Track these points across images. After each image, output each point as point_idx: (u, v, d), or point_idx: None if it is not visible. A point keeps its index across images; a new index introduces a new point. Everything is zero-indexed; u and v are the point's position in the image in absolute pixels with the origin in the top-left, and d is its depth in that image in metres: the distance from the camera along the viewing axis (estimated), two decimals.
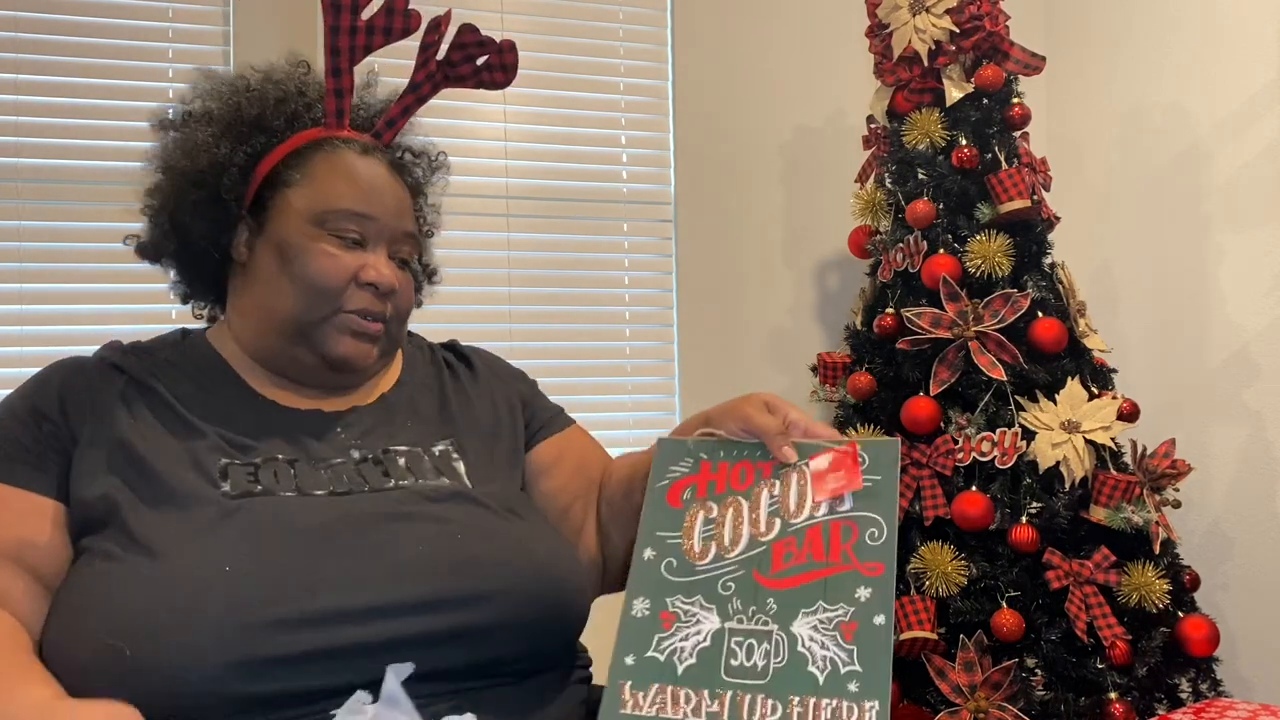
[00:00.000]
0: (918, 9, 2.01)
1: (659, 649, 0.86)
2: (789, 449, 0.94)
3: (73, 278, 2.10)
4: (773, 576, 0.88)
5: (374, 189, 1.06)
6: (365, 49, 1.10)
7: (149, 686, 0.82)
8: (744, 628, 0.86)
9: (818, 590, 0.87)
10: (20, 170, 2.08)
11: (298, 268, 1.02)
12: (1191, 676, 1.81)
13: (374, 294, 1.04)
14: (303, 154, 1.06)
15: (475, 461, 1.06)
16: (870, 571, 0.87)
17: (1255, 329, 2.17)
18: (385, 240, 1.06)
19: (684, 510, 0.92)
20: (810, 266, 2.57)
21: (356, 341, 1.04)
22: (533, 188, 2.40)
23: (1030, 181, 1.94)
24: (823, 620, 0.85)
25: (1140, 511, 1.78)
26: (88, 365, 1.03)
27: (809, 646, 0.84)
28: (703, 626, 0.86)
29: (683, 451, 0.96)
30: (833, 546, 0.89)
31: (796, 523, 0.91)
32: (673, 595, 0.88)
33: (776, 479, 0.93)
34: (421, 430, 1.08)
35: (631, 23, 2.50)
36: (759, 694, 0.83)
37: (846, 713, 0.81)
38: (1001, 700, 1.68)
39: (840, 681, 0.82)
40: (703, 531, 0.91)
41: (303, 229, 1.03)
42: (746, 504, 0.92)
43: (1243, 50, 2.18)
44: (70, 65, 2.12)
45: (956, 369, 1.87)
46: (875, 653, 0.83)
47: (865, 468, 0.92)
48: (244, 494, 0.94)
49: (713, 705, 0.82)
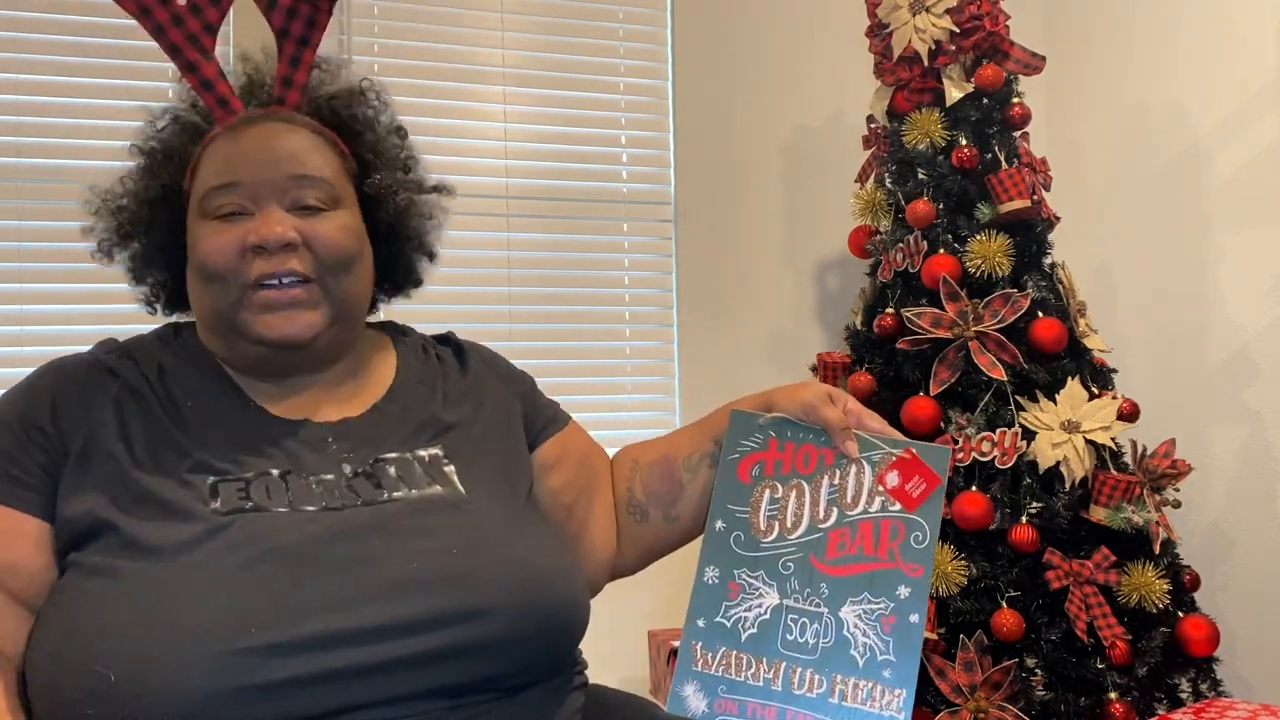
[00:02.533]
0: (918, 9, 2.01)
1: (726, 615, 0.96)
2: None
3: (73, 278, 2.10)
4: (827, 563, 0.97)
5: (241, 153, 0.99)
6: (207, 29, 1.01)
7: (133, 714, 0.80)
8: (799, 607, 0.96)
9: (865, 582, 0.97)
10: (20, 170, 2.08)
11: (195, 260, 0.99)
12: (1191, 676, 1.81)
13: (268, 255, 0.96)
14: (200, 159, 1.03)
15: (468, 465, 1.03)
16: (912, 572, 0.97)
17: (1255, 329, 2.17)
18: (272, 195, 0.98)
19: (753, 486, 1.00)
20: (810, 266, 2.57)
21: (279, 315, 0.97)
22: (533, 188, 2.40)
23: (1030, 181, 1.94)
24: (866, 610, 0.96)
25: (1140, 511, 1.78)
26: (81, 369, 1.00)
27: (853, 632, 0.95)
28: (764, 600, 0.96)
29: (754, 427, 1.03)
30: (881, 543, 0.98)
31: (852, 515, 0.99)
32: (740, 568, 0.97)
33: (837, 468, 1.01)
34: (413, 435, 1.04)
35: (631, 23, 2.50)
36: (808, 668, 0.94)
37: (879, 695, 0.93)
38: (1001, 700, 1.68)
39: (877, 667, 0.94)
40: (768, 510, 0.99)
41: (194, 225, 1.01)
42: (808, 488, 1.00)
43: (1243, 50, 2.18)
44: (70, 65, 2.12)
45: (956, 369, 1.87)
46: (908, 647, 0.94)
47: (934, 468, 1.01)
48: (234, 510, 0.91)
49: (769, 672, 0.94)
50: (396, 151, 1.14)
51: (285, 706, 0.82)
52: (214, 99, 1.02)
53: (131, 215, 1.06)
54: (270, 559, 0.87)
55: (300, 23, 1.03)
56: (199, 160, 1.03)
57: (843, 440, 1.01)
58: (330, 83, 1.11)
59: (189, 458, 0.95)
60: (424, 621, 0.87)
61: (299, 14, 1.02)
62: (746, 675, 0.94)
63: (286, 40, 1.03)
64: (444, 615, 0.88)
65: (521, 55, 2.42)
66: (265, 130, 1.01)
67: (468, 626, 0.88)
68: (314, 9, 1.02)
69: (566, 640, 0.99)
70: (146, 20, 0.99)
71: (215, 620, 0.82)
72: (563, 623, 0.97)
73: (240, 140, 1.00)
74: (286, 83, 1.05)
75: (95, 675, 0.81)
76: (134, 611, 0.84)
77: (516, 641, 0.91)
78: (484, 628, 0.89)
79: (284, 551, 0.88)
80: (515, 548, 0.97)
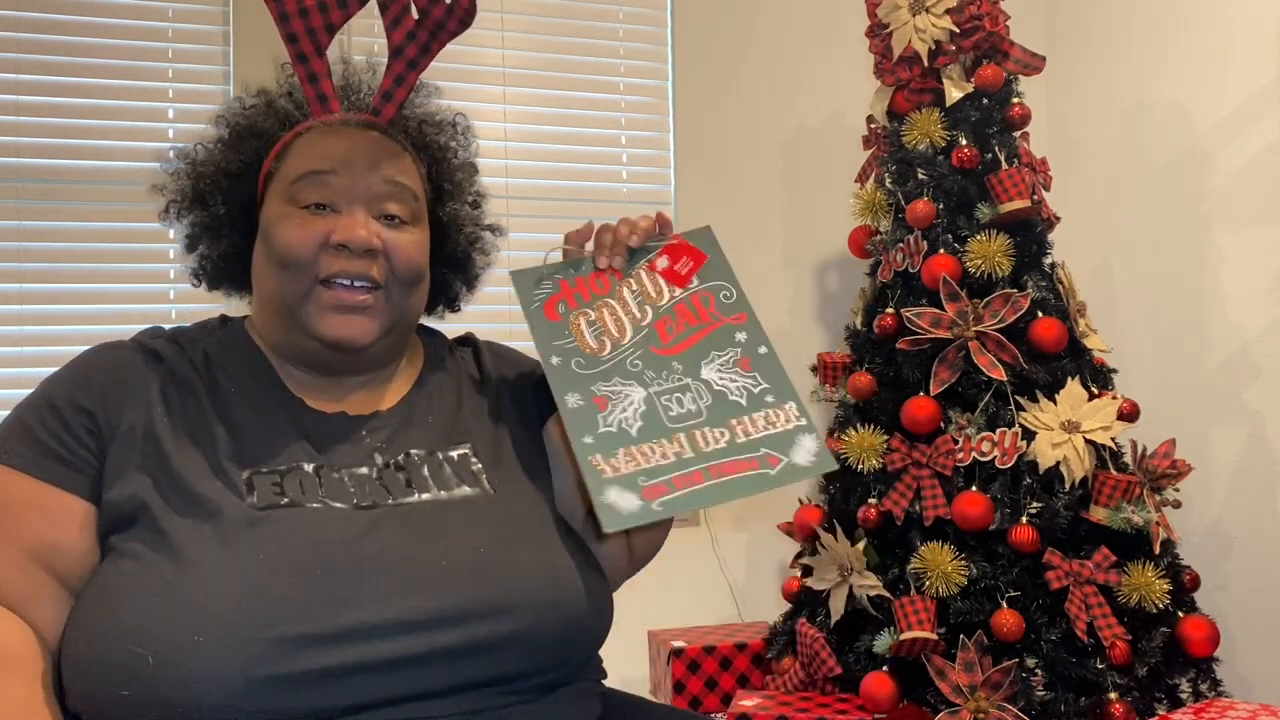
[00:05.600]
0: (918, 9, 2.01)
1: (607, 424, 0.97)
2: (606, 255, 1.07)
3: (73, 278, 2.10)
4: (666, 347, 1.02)
5: (340, 149, 1.02)
6: (327, 28, 1.04)
7: (169, 697, 0.82)
8: (665, 387, 1.00)
9: (706, 345, 1.03)
10: (20, 170, 2.08)
11: (271, 245, 1.01)
12: (1191, 676, 1.81)
13: (350, 256, 0.99)
14: (288, 144, 1.06)
15: (494, 465, 1.06)
16: (738, 321, 1.05)
17: (1255, 329, 2.17)
18: (361, 198, 1.02)
19: (564, 321, 1.03)
20: (810, 266, 2.57)
21: (343, 317, 1.00)
22: (533, 188, 2.40)
23: (1030, 181, 1.94)
24: (721, 364, 1.02)
25: (1140, 511, 1.78)
26: (128, 351, 1.03)
27: (723, 384, 1.00)
28: (632, 396, 0.99)
29: (538, 276, 1.07)
30: (700, 312, 1.05)
31: (664, 304, 1.05)
32: (594, 384, 0.99)
33: (630, 277, 1.06)
34: (441, 433, 1.07)
35: (631, 23, 2.50)
36: (704, 427, 0.97)
37: (775, 415, 0.98)
38: (1001, 700, 1.68)
39: (758, 399, 0.99)
40: (590, 331, 1.03)
41: (275, 209, 1.03)
42: (615, 303, 1.05)
43: (1243, 50, 2.18)
44: (70, 65, 2.12)
45: (956, 369, 1.87)
46: (773, 371, 1.01)
47: (695, 247, 1.09)
48: (269, 505, 0.93)
49: (673, 447, 0.96)
50: (469, 186, 1.19)
51: (316, 697, 0.84)
52: (315, 93, 1.06)
53: (209, 183, 1.08)
54: (304, 553, 0.89)
55: (416, 46, 1.07)
56: (288, 145, 1.06)
57: (599, 255, 1.07)
58: (423, 104, 1.16)
59: (227, 445, 0.97)
60: (451, 617, 0.89)
61: (417, 38, 1.07)
62: (656, 460, 0.95)
63: (398, 59, 1.08)
64: (470, 611, 0.90)
65: (521, 55, 2.42)
66: (364, 136, 1.05)
67: (493, 622, 0.90)
68: (431, 37, 1.07)
69: (589, 640, 1.00)
70: (274, 5, 1.03)
71: (252, 610, 0.85)
72: (585, 622, 0.98)
73: (338, 137, 1.04)
74: (387, 97, 1.08)
75: (134, 656, 0.83)
76: (173, 598, 0.86)
77: (541, 639, 0.93)
78: (509, 624, 0.91)
79: (318, 546, 0.90)
80: (541, 548, 0.99)
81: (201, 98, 2.19)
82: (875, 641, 1.79)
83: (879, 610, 1.82)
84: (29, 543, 0.92)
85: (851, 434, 1.93)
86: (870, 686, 1.74)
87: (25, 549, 0.92)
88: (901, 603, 1.76)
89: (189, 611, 0.85)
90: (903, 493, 1.86)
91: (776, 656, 1.98)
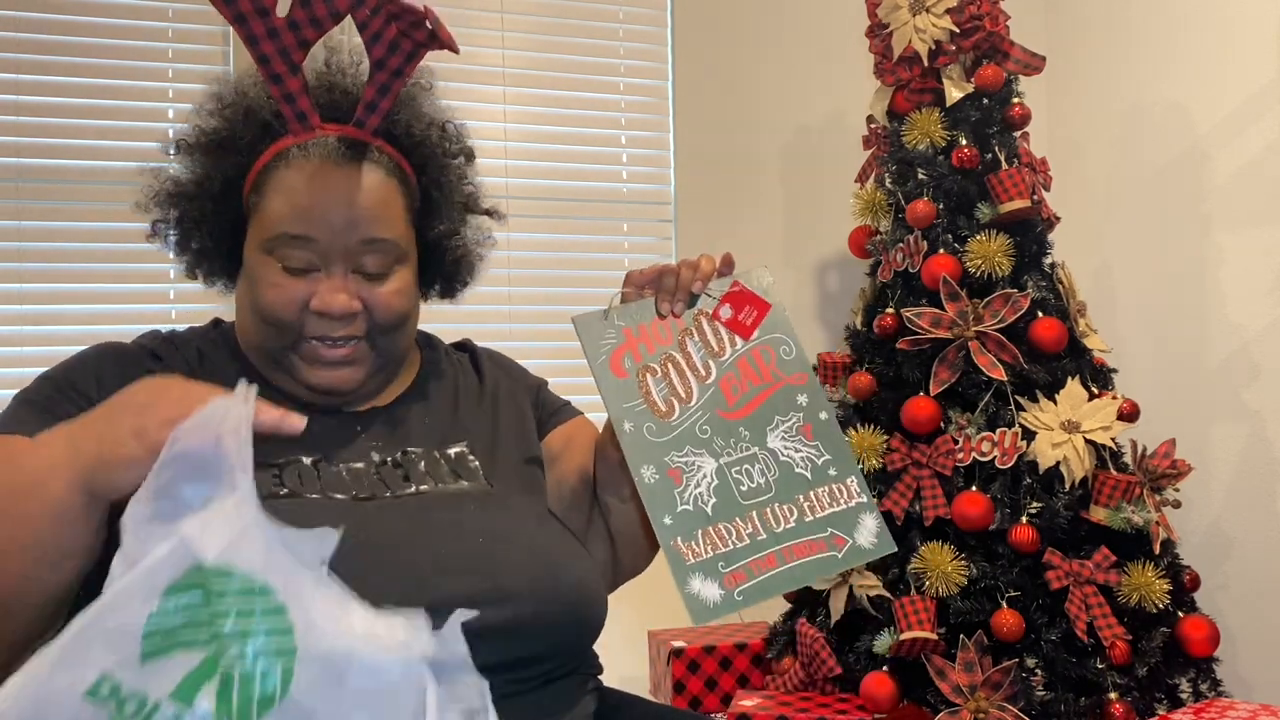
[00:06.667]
0: (918, 9, 2.01)
1: (685, 501, 0.97)
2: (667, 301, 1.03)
3: (73, 278, 2.10)
4: (732, 409, 1.01)
5: (317, 203, 1.00)
6: (300, 45, 1.02)
7: None
8: (735, 458, 0.99)
9: (769, 409, 1.02)
10: (20, 170, 2.08)
11: (255, 297, 1.02)
12: (1191, 676, 1.81)
13: (330, 320, 1.01)
14: (265, 171, 1.04)
15: (491, 462, 1.07)
16: (798, 381, 1.04)
17: (1255, 329, 2.17)
18: (339, 259, 1.01)
19: (632, 379, 1.01)
20: (810, 266, 2.57)
21: (328, 370, 1.02)
22: (533, 188, 2.40)
23: (1030, 181, 1.94)
24: (785, 430, 1.01)
25: (1140, 511, 1.78)
26: (128, 350, 1.04)
27: (789, 455, 1.01)
28: (704, 468, 0.98)
29: (603, 325, 1.03)
30: (762, 370, 1.04)
31: (727, 359, 1.03)
32: (667, 454, 0.98)
33: (691, 327, 1.04)
34: (438, 432, 1.08)
35: (631, 23, 2.50)
36: (774, 504, 0.98)
37: (838, 492, 1.00)
38: (1001, 700, 1.68)
39: (822, 471, 1.00)
40: (658, 391, 1.01)
41: (257, 257, 1.03)
42: (680, 356, 1.02)
43: (1243, 50, 2.18)
44: (70, 65, 2.12)
45: (956, 369, 1.87)
46: (834, 439, 1.02)
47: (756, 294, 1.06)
48: (269, 495, 0.94)
49: (747, 527, 0.97)
50: (461, 185, 1.17)
51: None
52: (294, 113, 1.04)
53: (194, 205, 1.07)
54: None
55: (400, 57, 1.04)
56: (267, 173, 1.03)
57: (661, 301, 1.03)
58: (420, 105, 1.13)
59: None
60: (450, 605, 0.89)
61: (400, 48, 1.04)
62: (733, 542, 0.96)
63: (381, 70, 1.05)
64: (469, 599, 0.89)
65: (521, 55, 2.42)
66: (343, 176, 1.02)
67: (491, 610, 0.90)
68: (416, 46, 1.04)
69: (585, 630, 1.01)
70: (241, 29, 1.00)
71: None
72: (582, 611, 0.99)
73: (316, 183, 1.01)
74: (371, 108, 1.06)
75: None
76: None
77: (538, 627, 0.94)
78: (506, 612, 0.92)
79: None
80: (538, 538, 1.00)
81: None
82: (875, 641, 1.79)
83: (879, 610, 1.82)
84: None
85: (851, 434, 1.93)
86: (870, 686, 1.74)
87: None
88: (901, 603, 1.76)
89: None
90: (903, 493, 1.86)
91: (776, 656, 1.98)
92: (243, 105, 1.08)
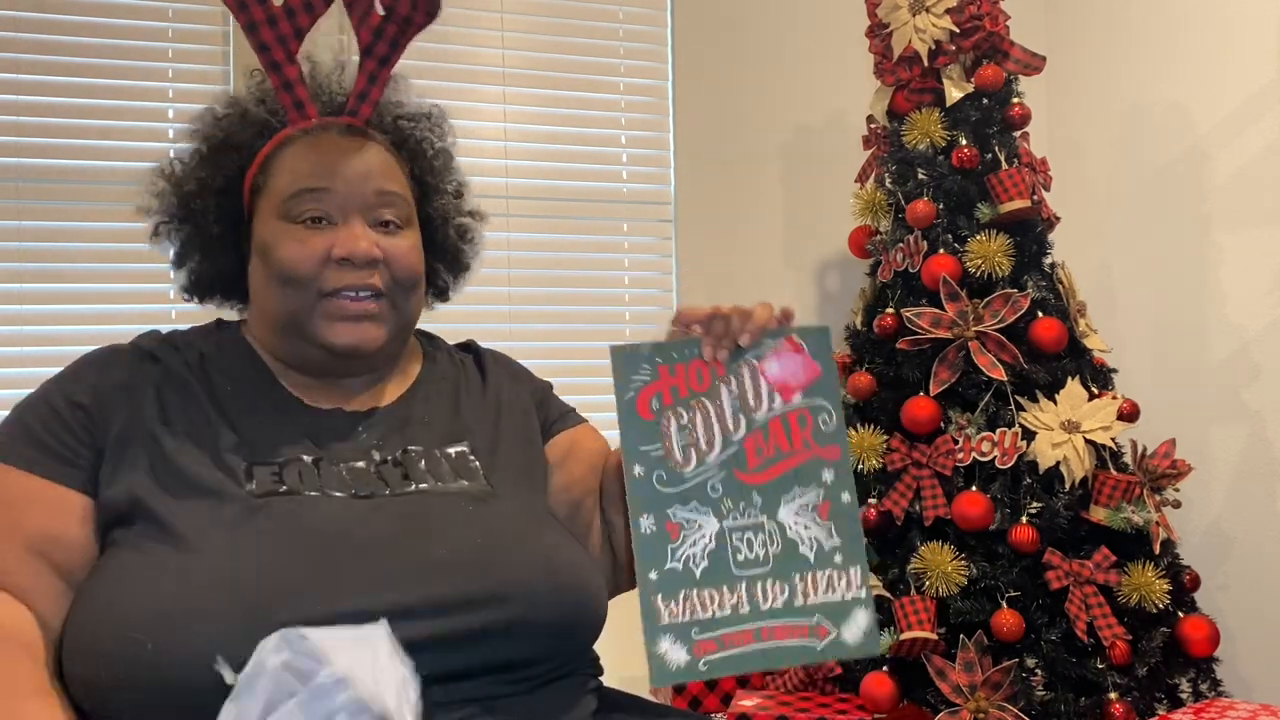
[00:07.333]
0: (918, 9, 2.01)
1: (675, 559, 0.94)
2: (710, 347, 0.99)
3: (73, 278, 2.10)
4: (751, 472, 0.97)
5: (329, 161, 1.03)
6: (296, 34, 1.04)
7: (169, 681, 0.83)
8: (739, 524, 0.96)
9: (790, 479, 0.98)
10: (20, 170, 2.08)
11: (272, 263, 1.02)
12: (1191, 676, 1.81)
13: (353, 268, 1.01)
14: (271, 157, 1.06)
15: (492, 462, 1.07)
16: (830, 455, 0.99)
17: (1255, 329, 2.17)
18: (356, 209, 1.03)
19: (657, 421, 0.97)
20: (810, 266, 2.57)
21: (351, 325, 1.02)
22: (533, 188, 2.40)
23: (1030, 181, 1.94)
24: (801, 505, 0.97)
25: (1140, 511, 1.78)
26: (125, 354, 1.04)
27: (796, 531, 0.97)
28: (705, 530, 0.95)
29: (639, 359, 0.99)
30: (794, 436, 0.99)
31: (759, 417, 0.99)
32: (671, 506, 0.95)
33: (731, 375, 0.99)
34: (439, 431, 1.08)
35: (631, 23, 2.50)
36: (767, 580, 0.95)
37: (837, 580, 0.96)
38: (1001, 700, 1.68)
39: (827, 556, 0.97)
40: (679, 439, 0.97)
41: (272, 225, 1.03)
42: (711, 405, 0.98)
43: (1243, 50, 2.18)
44: (70, 65, 2.12)
45: (956, 369, 1.87)
46: (849, 525, 0.98)
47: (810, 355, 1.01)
48: (269, 493, 0.94)
49: (732, 598, 0.94)
50: (449, 176, 1.19)
51: None
52: (291, 100, 1.06)
53: (199, 202, 1.09)
54: (303, 540, 0.90)
55: (385, 43, 1.07)
56: (271, 158, 1.06)
57: (706, 345, 0.98)
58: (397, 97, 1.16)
59: (226, 440, 0.99)
60: (448, 604, 0.90)
61: (385, 34, 1.06)
62: (713, 610, 0.93)
63: (369, 58, 1.07)
64: (468, 598, 0.91)
65: (521, 55, 2.42)
66: (349, 142, 1.06)
67: (491, 610, 0.91)
68: (400, 32, 1.06)
69: (585, 631, 1.01)
70: (242, 15, 1.02)
71: (252, 595, 0.86)
72: (582, 612, 0.99)
73: (324, 148, 1.04)
74: (362, 97, 1.09)
75: (133, 642, 0.84)
76: (170, 584, 0.87)
77: (538, 627, 0.94)
78: (506, 612, 0.92)
79: (316, 533, 0.91)
80: (538, 539, 1.00)
81: (201, 98, 2.19)
82: None
83: (879, 610, 1.82)
84: (29, 536, 0.93)
85: (851, 434, 1.93)
86: (870, 686, 1.74)
87: (26, 542, 0.93)
88: (901, 603, 1.76)
89: (187, 596, 0.86)
90: (903, 493, 1.86)
91: None
92: (239, 111, 1.11)
